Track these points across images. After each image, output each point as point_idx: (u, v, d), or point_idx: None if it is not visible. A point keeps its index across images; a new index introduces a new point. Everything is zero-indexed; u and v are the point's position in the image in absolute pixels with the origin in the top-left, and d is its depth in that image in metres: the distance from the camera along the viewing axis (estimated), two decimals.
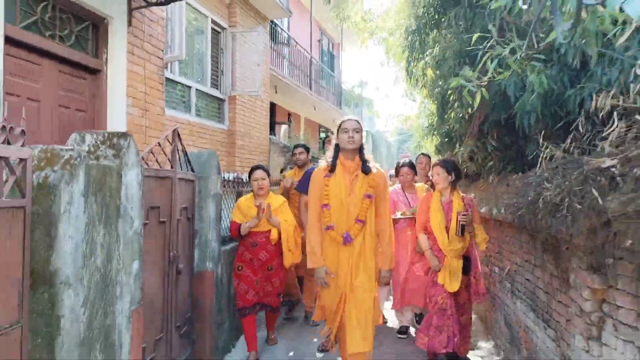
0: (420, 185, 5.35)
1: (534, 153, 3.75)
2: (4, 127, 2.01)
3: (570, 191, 2.48)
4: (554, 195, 2.69)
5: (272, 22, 10.56)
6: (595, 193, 2.18)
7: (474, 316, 5.17)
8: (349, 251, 3.56)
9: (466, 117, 5.48)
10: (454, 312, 4.16)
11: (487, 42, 3.46)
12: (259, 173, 4.57)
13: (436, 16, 5.76)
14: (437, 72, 5.86)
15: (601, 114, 2.57)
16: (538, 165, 3.33)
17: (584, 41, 2.26)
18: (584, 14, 1.93)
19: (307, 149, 5.81)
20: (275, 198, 4.71)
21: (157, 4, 4.74)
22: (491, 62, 3.31)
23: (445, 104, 5.90)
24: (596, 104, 2.52)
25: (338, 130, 3.65)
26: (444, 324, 4.15)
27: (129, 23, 4.72)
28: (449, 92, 5.16)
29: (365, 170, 3.57)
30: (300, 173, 5.54)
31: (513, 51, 3.23)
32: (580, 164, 2.56)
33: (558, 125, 3.65)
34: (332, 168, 3.61)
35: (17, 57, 3.66)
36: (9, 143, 2.08)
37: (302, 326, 5.48)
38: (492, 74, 3.49)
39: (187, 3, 5.03)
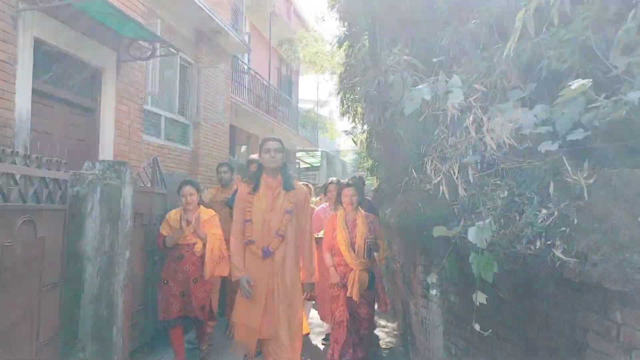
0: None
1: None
2: (49, 159, 3.44)
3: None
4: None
5: (233, 55, 12.04)
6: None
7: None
8: (269, 264, 3.71)
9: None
10: (350, 326, 4.54)
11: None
12: (187, 189, 4.72)
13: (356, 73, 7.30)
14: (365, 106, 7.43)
15: None
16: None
17: None
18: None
19: (232, 168, 5.99)
20: (205, 211, 4.86)
21: (140, 59, 6.19)
22: None
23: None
24: None
25: (261, 150, 3.83)
26: (340, 336, 4.53)
27: (118, 72, 6.15)
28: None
29: (287, 187, 3.79)
30: (224, 191, 5.79)
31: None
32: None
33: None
34: (255, 186, 3.81)
35: (38, 102, 5.04)
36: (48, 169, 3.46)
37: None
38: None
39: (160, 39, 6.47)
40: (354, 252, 4.57)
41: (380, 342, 5.83)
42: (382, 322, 6.56)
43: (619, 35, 2.59)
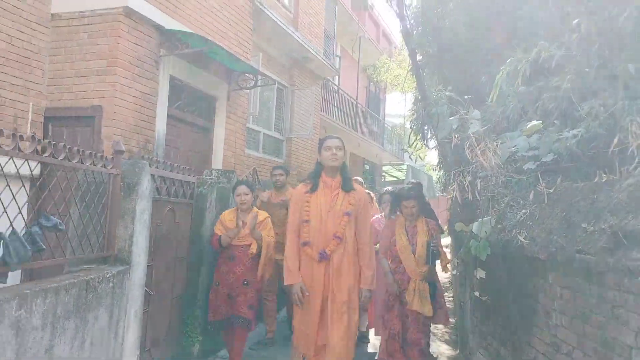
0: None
1: None
2: (181, 167, 4.91)
3: None
4: None
5: (324, 77, 13.50)
6: None
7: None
8: (324, 268, 3.58)
9: None
10: (404, 340, 4.36)
11: None
12: (242, 188, 4.80)
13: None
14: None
15: None
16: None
17: None
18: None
19: (287, 171, 6.02)
20: (259, 213, 4.87)
21: (246, 88, 7.75)
22: None
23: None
24: None
25: (321, 148, 3.71)
26: (394, 349, 4.36)
27: (228, 99, 7.75)
28: None
29: (346, 188, 3.67)
30: (278, 194, 5.82)
31: None
32: None
33: None
34: (313, 186, 3.70)
35: (171, 124, 6.68)
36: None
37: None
38: None
39: (260, 72, 7.99)
40: (415, 260, 4.39)
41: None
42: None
43: (583, 86, 3.60)
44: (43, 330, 2.69)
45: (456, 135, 4.52)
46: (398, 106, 29.26)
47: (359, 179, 6.62)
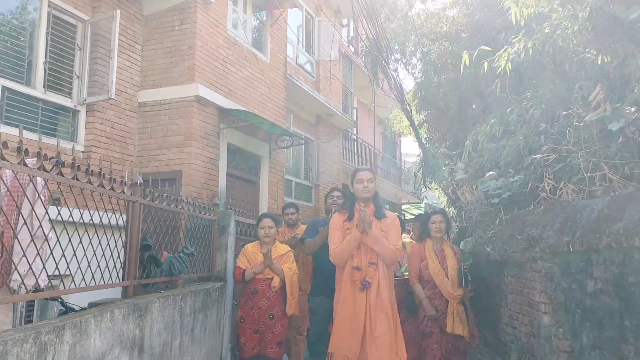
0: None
1: None
2: (250, 214, 6.76)
3: None
4: None
5: (344, 129, 15.45)
6: None
7: None
8: (366, 294, 3.83)
9: None
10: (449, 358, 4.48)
11: None
12: (266, 222, 4.94)
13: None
14: None
15: None
16: None
17: None
18: None
19: (297, 209, 6.36)
20: (281, 247, 5.00)
21: (283, 147, 9.69)
22: None
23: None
24: None
25: (353, 181, 4.03)
26: None
27: (270, 157, 9.67)
28: None
29: (379, 215, 3.94)
30: (290, 231, 6.03)
31: None
32: None
33: None
34: (350, 214, 3.99)
35: (229, 180, 8.58)
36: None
37: None
38: None
39: (293, 134, 9.92)
40: (451, 283, 4.57)
41: None
42: None
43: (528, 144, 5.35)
44: (189, 316, 4.46)
45: (449, 180, 6.30)
46: (414, 145, 30.91)
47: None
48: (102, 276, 3.40)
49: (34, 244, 2.56)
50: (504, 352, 4.78)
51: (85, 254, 3.13)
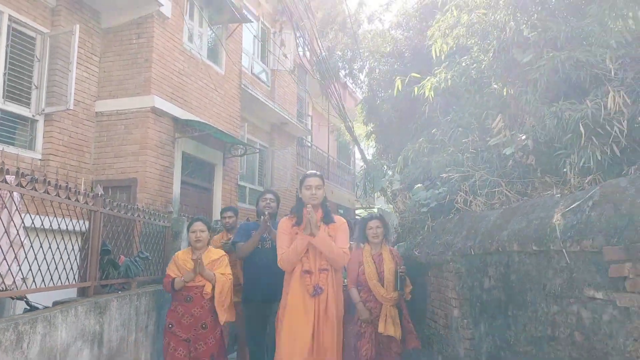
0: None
1: None
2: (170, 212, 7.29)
3: None
4: None
5: (298, 137, 16.05)
6: None
7: None
8: (316, 302, 3.83)
9: None
10: None
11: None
12: (197, 225, 4.66)
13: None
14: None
15: None
16: None
17: None
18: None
19: (236, 213, 6.21)
20: (215, 251, 4.77)
21: (236, 156, 10.21)
22: None
23: None
24: None
25: (301, 187, 4.00)
26: None
27: (223, 164, 10.17)
28: None
29: (327, 221, 3.96)
30: (228, 236, 5.86)
31: None
32: None
33: None
34: (298, 219, 3.96)
35: (183, 187, 9.04)
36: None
37: None
38: None
39: (247, 144, 10.47)
40: (384, 287, 4.66)
41: None
42: None
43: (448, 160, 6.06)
44: (144, 314, 4.95)
45: (388, 189, 6.99)
46: (368, 152, 31.77)
47: None
48: (67, 277, 3.88)
49: (13, 249, 3.03)
50: (428, 344, 5.46)
51: (53, 257, 3.61)
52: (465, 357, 4.33)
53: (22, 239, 3.22)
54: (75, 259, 4.16)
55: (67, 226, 3.89)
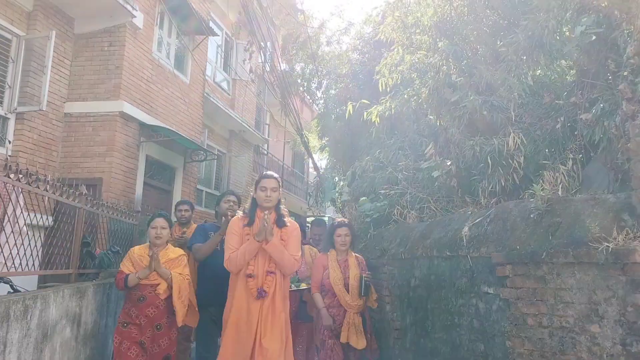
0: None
1: None
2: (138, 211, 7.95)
3: None
4: None
5: (255, 144, 16.75)
6: None
7: None
8: (260, 303, 3.77)
9: None
10: None
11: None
12: (159, 221, 4.51)
13: None
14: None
15: None
16: None
17: None
18: None
19: (192, 207, 6.17)
20: (173, 250, 4.63)
21: (197, 161, 10.86)
22: None
23: None
24: None
25: (256, 187, 3.93)
26: None
27: (184, 169, 10.79)
28: None
29: (280, 224, 3.90)
30: (182, 230, 5.75)
31: None
32: None
33: None
34: (250, 220, 3.88)
35: (145, 189, 9.61)
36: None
37: None
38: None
39: (207, 150, 11.12)
40: (349, 293, 4.64)
41: None
42: None
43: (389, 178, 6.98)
44: (114, 302, 5.57)
45: (337, 200, 7.81)
46: (321, 162, 32.74)
47: None
48: (51, 265, 4.51)
49: (20, 237, 3.68)
50: None
51: (42, 246, 4.24)
52: (394, 344, 5.19)
53: (26, 230, 3.86)
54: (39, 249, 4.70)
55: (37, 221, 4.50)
